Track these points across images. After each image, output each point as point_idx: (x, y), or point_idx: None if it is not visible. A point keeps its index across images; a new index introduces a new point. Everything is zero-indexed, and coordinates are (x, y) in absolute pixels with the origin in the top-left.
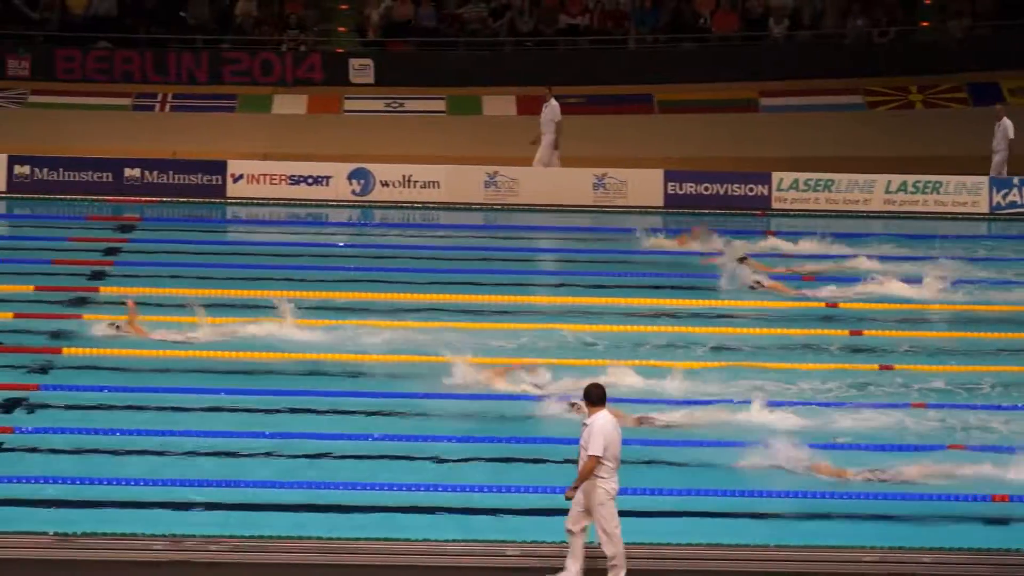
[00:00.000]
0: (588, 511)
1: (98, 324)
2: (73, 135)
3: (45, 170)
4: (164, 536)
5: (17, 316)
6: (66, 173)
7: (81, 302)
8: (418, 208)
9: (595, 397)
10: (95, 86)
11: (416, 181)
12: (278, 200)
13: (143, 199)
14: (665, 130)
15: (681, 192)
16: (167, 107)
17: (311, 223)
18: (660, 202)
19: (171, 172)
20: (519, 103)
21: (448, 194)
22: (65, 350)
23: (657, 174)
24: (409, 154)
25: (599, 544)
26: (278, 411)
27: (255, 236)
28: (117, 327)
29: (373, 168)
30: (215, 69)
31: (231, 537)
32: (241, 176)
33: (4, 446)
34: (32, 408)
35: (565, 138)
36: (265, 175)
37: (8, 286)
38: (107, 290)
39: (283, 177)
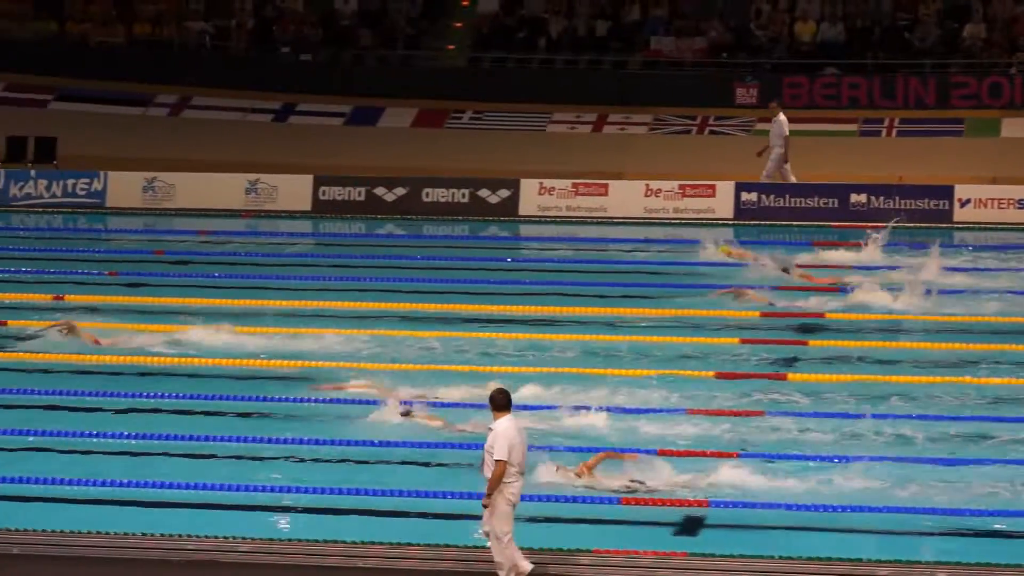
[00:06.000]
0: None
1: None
2: (799, 161)
3: (772, 197)
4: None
5: (743, 342)
6: (792, 199)
7: (806, 329)
8: None
9: (499, 402)
10: (822, 112)
11: None
12: (1006, 225)
13: (869, 225)
14: None
15: None
16: (894, 132)
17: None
18: None
19: (897, 197)
20: None
21: None
22: (790, 376)
23: None
24: None
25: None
26: None
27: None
28: (65, 331)
29: None
30: (942, 93)
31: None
32: (968, 201)
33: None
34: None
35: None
36: (993, 199)
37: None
38: (833, 316)
39: (1011, 201)
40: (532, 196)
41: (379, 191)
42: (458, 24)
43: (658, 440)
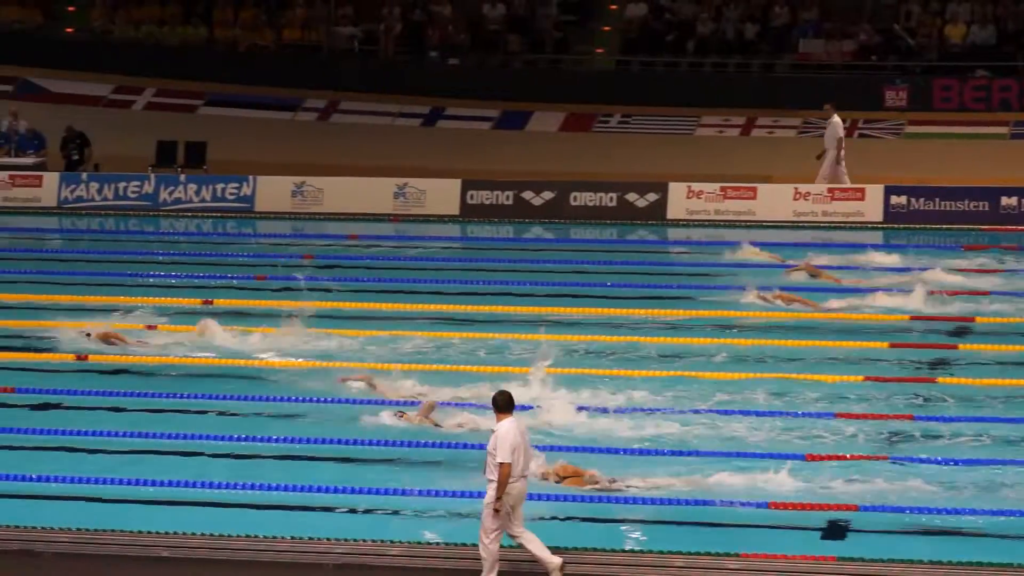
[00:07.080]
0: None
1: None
2: (949, 164)
3: (921, 200)
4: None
5: (893, 346)
6: (942, 203)
7: (955, 333)
8: None
9: (501, 404)
10: (972, 115)
11: None
12: None
13: (1020, 228)
14: None
15: None
16: None
17: None
18: None
19: None
20: None
21: None
22: (940, 379)
23: None
24: None
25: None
26: None
27: None
28: (88, 335)
29: None
30: None
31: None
32: None
33: None
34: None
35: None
36: None
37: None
38: (983, 320)
39: None
40: (680, 200)
41: (527, 195)
42: (606, 28)
43: (806, 444)
